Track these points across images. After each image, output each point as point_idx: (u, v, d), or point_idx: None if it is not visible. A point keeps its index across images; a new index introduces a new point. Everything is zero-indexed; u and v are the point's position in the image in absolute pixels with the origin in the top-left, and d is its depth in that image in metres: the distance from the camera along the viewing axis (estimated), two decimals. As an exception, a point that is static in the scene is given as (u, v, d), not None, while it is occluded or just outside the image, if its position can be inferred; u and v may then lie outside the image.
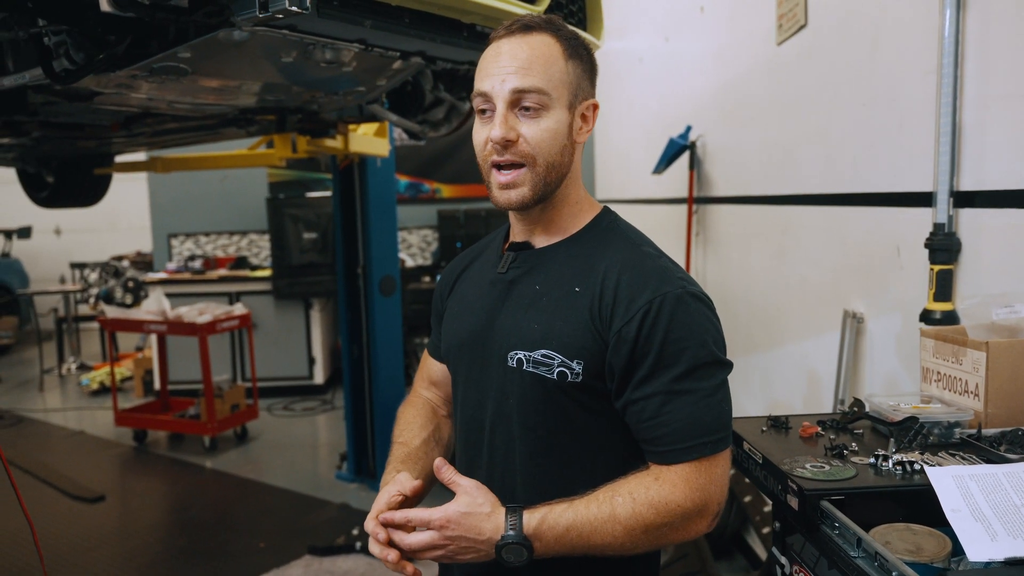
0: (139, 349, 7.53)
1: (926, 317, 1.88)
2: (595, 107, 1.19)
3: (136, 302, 7.27)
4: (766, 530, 3.07)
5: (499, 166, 1.12)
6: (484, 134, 1.13)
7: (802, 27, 2.66)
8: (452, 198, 6.99)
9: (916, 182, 2.00)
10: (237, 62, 2.06)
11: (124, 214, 9.41)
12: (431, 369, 1.42)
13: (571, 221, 1.20)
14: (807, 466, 1.35)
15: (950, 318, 1.84)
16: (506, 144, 1.10)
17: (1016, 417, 1.46)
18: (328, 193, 6.41)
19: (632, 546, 1.07)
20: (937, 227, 1.86)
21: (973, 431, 1.44)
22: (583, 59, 1.17)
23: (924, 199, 1.95)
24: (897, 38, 2.11)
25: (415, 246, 7.14)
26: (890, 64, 2.14)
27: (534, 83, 1.10)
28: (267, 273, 6.32)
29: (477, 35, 1.95)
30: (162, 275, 6.46)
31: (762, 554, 3.12)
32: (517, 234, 1.23)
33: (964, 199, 1.82)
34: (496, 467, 1.17)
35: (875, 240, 2.23)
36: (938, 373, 1.61)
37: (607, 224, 1.21)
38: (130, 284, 7.40)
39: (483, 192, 1.21)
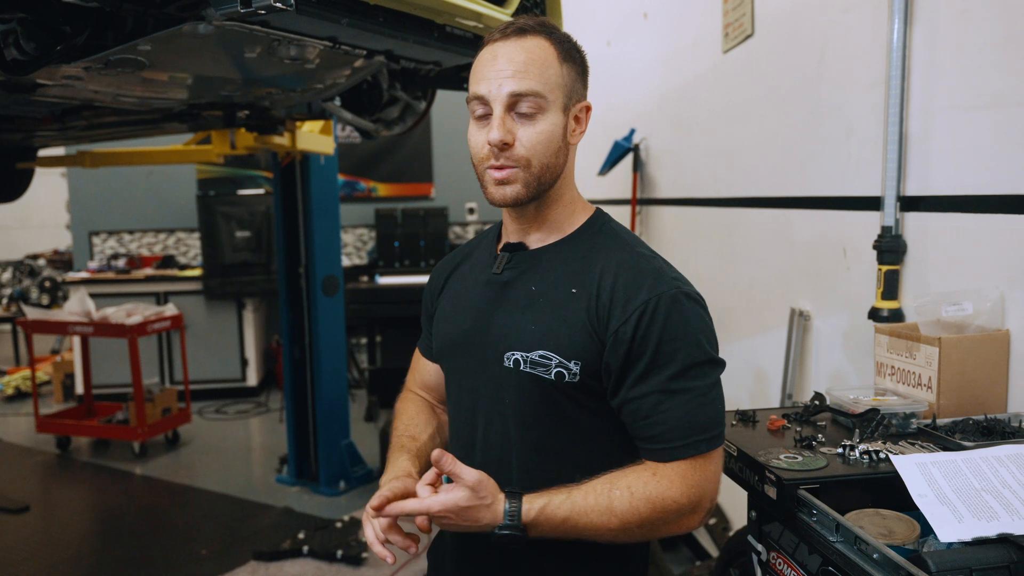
0: (55, 352, 7.18)
1: (874, 315, 1.99)
2: (588, 109, 1.21)
3: (54, 303, 6.94)
4: (712, 521, 3.17)
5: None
6: (482, 137, 1.14)
7: (749, 36, 2.76)
8: (389, 197, 6.93)
9: (863, 187, 2.12)
10: (197, 56, 2.00)
11: (37, 210, 8.93)
12: (424, 371, 1.42)
13: (565, 221, 1.22)
14: (781, 457, 1.42)
15: (896, 315, 1.95)
16: (503, 147, 1.11)
17: (965, 407, 1.57)
18: (261, 191, 6.25)
19: (625, 537, 1.10)
20: (885, 230, 1.97)
21: (928, 421, 1.54)
22: (576, 61, 1.18)
23: (870, 203, 2.06)
24: (844, 50, 2.22)
25: (350, 245, 7.04)
26: (838, 75, 2.25)
27: (531, 86, 1.11)
28: (197, 272, 6.13)
29: (447, 36, 1.96)
30: (84, 275, 6.16)
31: (707, 545, 3.22)
32: (511, 234, 1.24)
33: (910, 203, 1.93)
34: (491, 464, 1.17)
35: (822, 242, 2.34)
36: (892, 367, 1.71)
37: (601, 226, 1.23)
38: (47, 284, 7.07)
39: (420, 191, 1.23)
